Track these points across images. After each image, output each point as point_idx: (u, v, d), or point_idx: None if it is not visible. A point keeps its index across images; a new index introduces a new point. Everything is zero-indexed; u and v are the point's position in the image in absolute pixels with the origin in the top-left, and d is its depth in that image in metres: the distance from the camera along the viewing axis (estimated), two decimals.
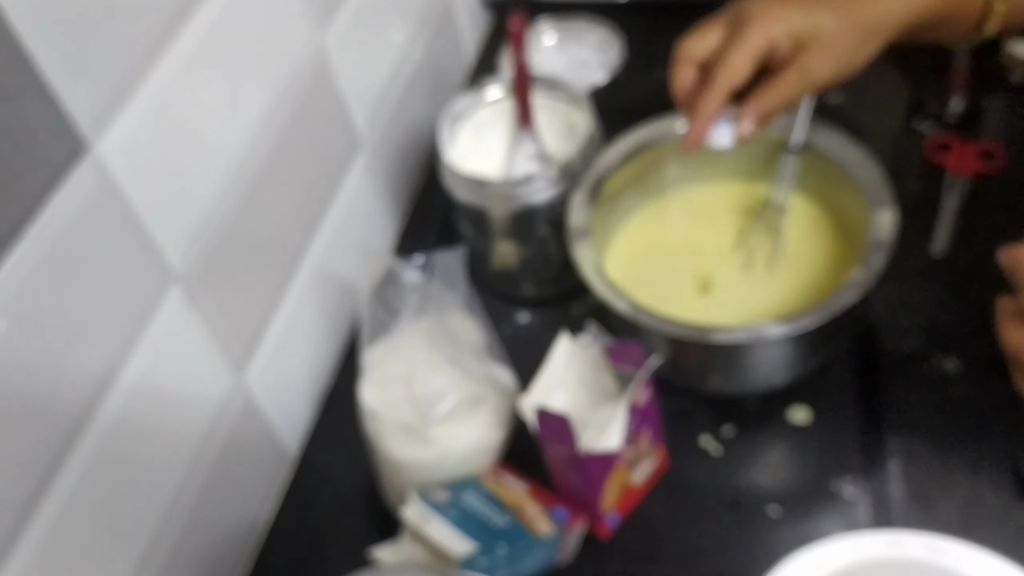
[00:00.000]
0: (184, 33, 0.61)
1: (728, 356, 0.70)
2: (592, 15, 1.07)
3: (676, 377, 0.74)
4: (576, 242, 0.74)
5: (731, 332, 0.68)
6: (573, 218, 0.76)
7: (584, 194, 0.77)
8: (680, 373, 0.74)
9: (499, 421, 0.71)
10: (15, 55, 0.48)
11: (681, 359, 0.72)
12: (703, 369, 0.74)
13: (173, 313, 0.62)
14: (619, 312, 0.70)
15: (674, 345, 0.70)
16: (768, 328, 0.67)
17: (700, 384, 0.75)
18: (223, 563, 0.71)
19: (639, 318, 0.69)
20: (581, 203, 0.77)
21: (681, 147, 0.74)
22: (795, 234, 0.79)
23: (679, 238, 0.82)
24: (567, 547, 0.68)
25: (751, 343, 0.68)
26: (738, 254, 0.79)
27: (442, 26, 1.02)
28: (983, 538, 0.52)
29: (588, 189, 0.78)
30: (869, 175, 0.74)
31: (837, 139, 0.76)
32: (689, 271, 0.79)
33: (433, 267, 0.69)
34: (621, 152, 0.80)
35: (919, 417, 0.72)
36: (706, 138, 0.72)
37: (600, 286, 0.71)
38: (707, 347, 0.69)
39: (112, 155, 0.55)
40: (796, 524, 0.68)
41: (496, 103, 0.86)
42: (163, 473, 0.63)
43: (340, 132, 0.83)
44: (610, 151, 0.80)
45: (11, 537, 0.51)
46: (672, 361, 0.71)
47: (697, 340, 0.68)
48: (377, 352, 0.71)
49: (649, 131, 0.81)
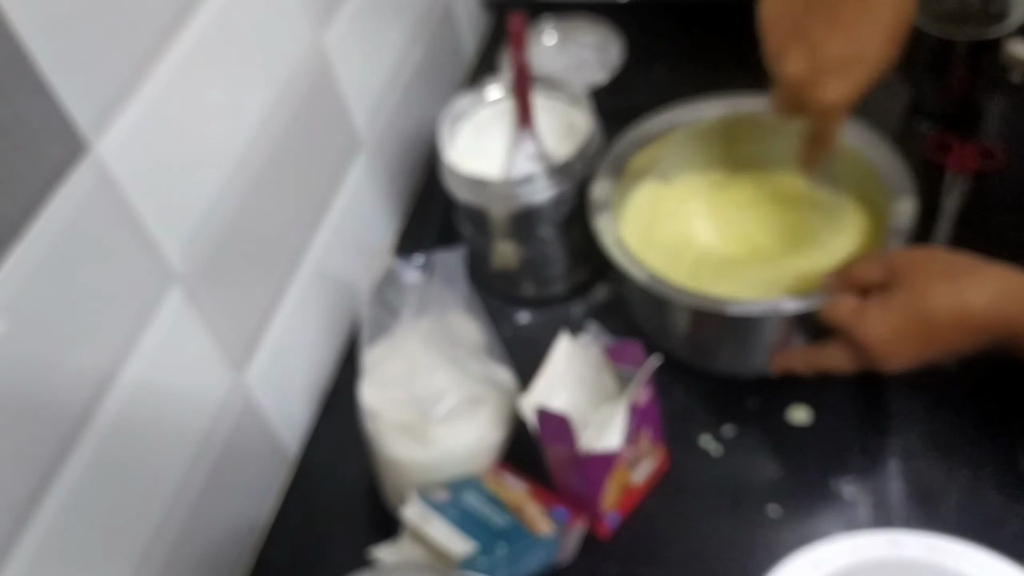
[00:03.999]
0: (184, 33, 0.61)
1: (743, 330, 0.71)
2: (592, 15, 1.07)
3: (692, 355, 0.75)
4: (596, 214, 0.76)
5: (747, 304, 0.69)
6: (595, 191, 0.78)
7: (608, 169, 0.79)
8: (695, 349, 0.75)
9: (499, 421, 0.71)
10: (15, 55, 0.48)
11: (696, 332, 0.73)
12: (716, 343, 0.75)
13: (173, 313, 0.62)
14: (637, 281, 0.71)
15: (690, 317, 0.71)
16: (784, 303, 0.68)
17: (713, 362, 0.76)
18: (223, 563, 0.71)
19: (657, 288, 0.70)
20: (604, 176, 0.78)
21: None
22: (815, 219, 0.79)
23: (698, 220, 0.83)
24: (567, 547, 0.68)
25: (766, 316, 0.69)
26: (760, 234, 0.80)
27: (442, 26, 1.02)
28: (983, 538, 0.52)
29: (611, 165, 0.79)
30: (892, 166, 0.75)
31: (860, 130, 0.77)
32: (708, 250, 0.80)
33: (433, 267, 0.69)
34: (646, 133, 0.81)
35: (919, 417, 0.72)
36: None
37: (619, 255, 0.73)
38: (722, 319, 0.69)
39: (112, 155, 0.55)
40: (796, 524, 0.68)
41: (496, 103, 0.86)
42: (163, 473, 0.63)
43: (340, 132, 0.83)
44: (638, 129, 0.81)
45: (11, 537, 0.51)
46: (686, 335, 0.72)
47: (713, 311, 0.69)
48: (377, 352, 0.71)
49: (675, 115, 0.82)
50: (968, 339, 0.62)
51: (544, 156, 0.84)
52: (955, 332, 0.62)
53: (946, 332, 0.62)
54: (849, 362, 0.66)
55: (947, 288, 0.62)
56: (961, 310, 0.62)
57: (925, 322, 0.62)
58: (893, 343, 0.63)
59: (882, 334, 0.63)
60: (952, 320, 0.62)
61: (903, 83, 0.94)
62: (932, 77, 0.91)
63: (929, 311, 0.62)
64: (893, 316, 0.63)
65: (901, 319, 0.63)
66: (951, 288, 0.62)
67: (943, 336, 0.63)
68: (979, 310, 0.61)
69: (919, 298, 0.63)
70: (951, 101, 0.91)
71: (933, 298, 0.62)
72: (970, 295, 0.62)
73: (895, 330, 0.63)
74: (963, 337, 0.62)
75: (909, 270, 0.64)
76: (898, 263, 0.65)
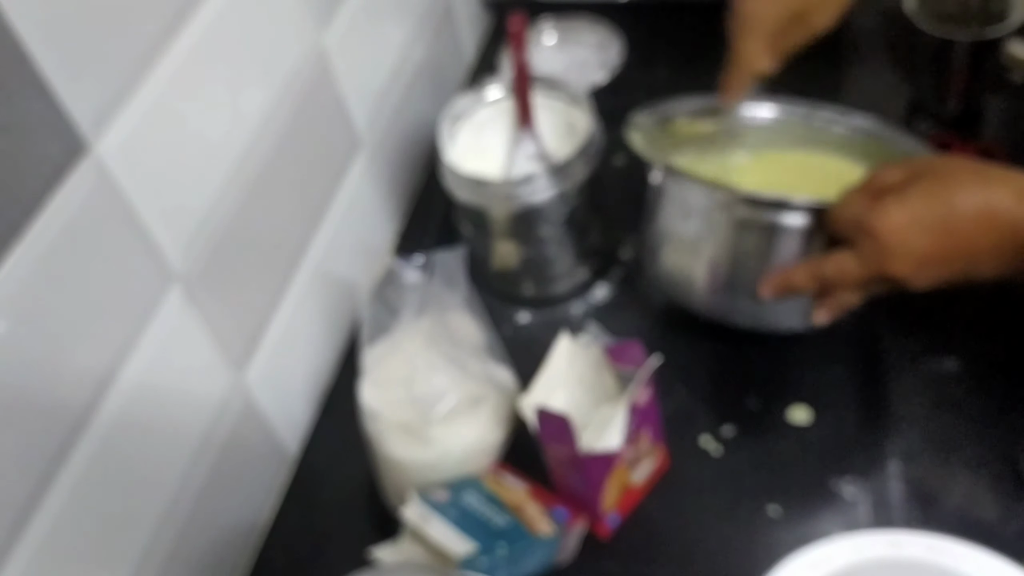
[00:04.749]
0: (184, 33, 0.61)
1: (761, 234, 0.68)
2: (592, 15, 1.07)
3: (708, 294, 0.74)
4: (633, 130, 0.76)
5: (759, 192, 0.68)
6: (636, 117, 0.77)
7: (648, 116, 0.79)
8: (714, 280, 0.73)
9: (499, 421, 0.71)
10: (15, 55, 0.48)
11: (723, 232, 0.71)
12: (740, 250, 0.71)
13: (173, 313, 0.62)
14: (663, 167, 0.72)
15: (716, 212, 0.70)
16: (797, 197, 0.66)
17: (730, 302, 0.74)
18: (223, 563, 0.71)
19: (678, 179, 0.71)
20: (643, 115, 0.79)
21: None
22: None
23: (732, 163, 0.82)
24: (567, 547, 0.68)
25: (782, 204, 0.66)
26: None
27: (442, 26, 1.02)
28: (983, 538, 0.52)
29: (655, 114, 0.79)
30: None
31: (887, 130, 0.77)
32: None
33: (433, 267, 0.69)
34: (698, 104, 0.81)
35: (919, 417, 0.72)
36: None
37: (653, 153, 0.73)
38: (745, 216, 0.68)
39: (112, 155, 0.55)
40: (796, 524, 0.68)
41: (496, 103, 0.86)
42: (163, 473, 0.63)
43: (340, 132, 0.83)
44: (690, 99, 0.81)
45: (11, 537, 0.51)
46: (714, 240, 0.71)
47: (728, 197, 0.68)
48: (377, 352, 0.71)
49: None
50: (993, 243, 0.56)
51: (544, 156, 0.84)
52: (979, 230, 0.56)
53: (969, 228, 0.56)
54: (858, 266, 0.60)
55: (974, 182, 0.57)
56: (987, 205, 0.56)
57: (947, 212, 0.57)
58: (909, 232, 0.57)
59: (898, 220, 0.57)
60: (977, 214, 0.56)
61: (903, 83, 0.94)
62: (932, 77, 0.91)
63: (952, 200, 0.57)
64: (913, 202, 0.57)
65: (921, 204, 0.57)
66: (978, 182, 0.57)
67: (966, 234, 0.56)
68: (1006, 208, 0.56)
69: (943, 186, 0.57)
70: (951, 101, 0.91)
71: (958, 188, 0.57)
72: (998, 192, 0.57)
73: (913, 217, 0.57)
74: (988, 238, 0.56)
75: (933, 167, 0.60)
76: (921, 164, 0.60)
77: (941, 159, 0.63)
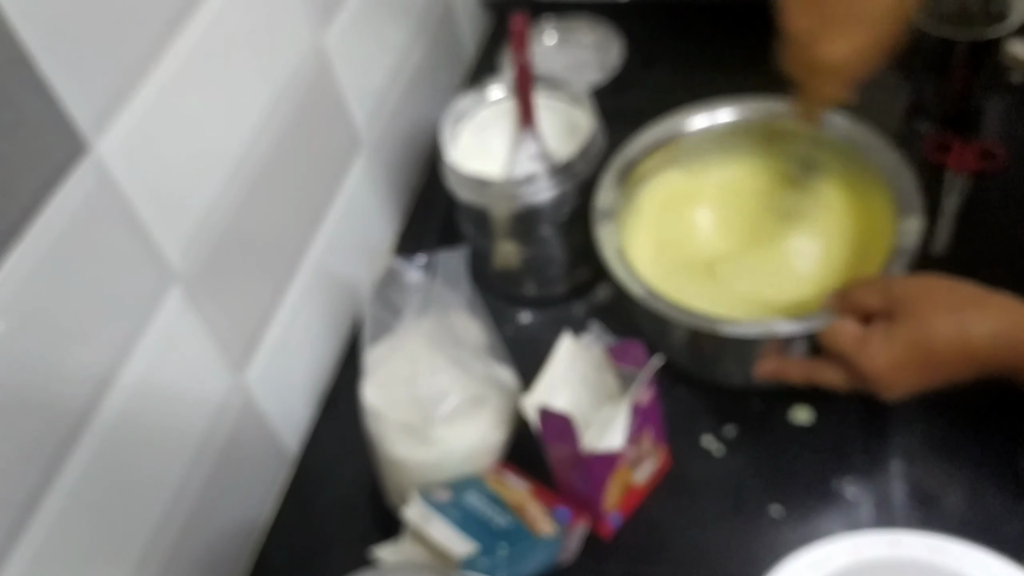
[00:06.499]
0: (184, 33, 0.61)
1: (739, 347, 0.71)
2: (592, 15, 1.07)
3: (691, 366, 0.75)
4: (600, 222, 0.76)
5: (743, 325, 0.69)
6: (600, 198, 0.77)
7: (613, 176, 0.79)
8: (693, 361, 0.75)
9: (501, 421, 0.71)
10: (15, 55, 0.48)
11: (693, 346, 0.74)
12: (714, 357, 0.75)
13: (173, 313, 0.62)
14: (635, 297, 0.72)
15: (688, 333, 0.72)
16: (780, 324, 0.68)
17: (711, 373, 0.76)
18: (223, 563, 0.71)
19: (654, 304, 0.71)
20: (609, 185, 0.78)
21: None
22: (815, 226, 0.80)
23: (702, 225, 0.83)
24: (569, 547, 0.68)
25: (760, 338, 0.69)
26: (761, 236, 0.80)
27: (442, 26, 1.02)
28: (984, 538, 0.52)
29: (617, 171, 0.79)
30: (903, 181, 0.74)
31: (875, 140, 0.77)
32: (707, 255, 0.80)
33: (435, 267, 0.69)
34: (652, 138, 0.81)
35: (920, 417, 0.72)
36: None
37: (619, 269, 0.73)
38: (718, 338, 0.70)
39: (112, 155, 0.55)
40: (798, 524, 0.68)
41: (498, 103, 0.86)
42: (163, 473, 0.63)
43: (340, 132, 0.83)
44: (642, 136, 0.81)
45: (11, 537, 0.51)
46: (685, 348, 0.73)
47: (708, 331, 0.69)
48: (379, 352, 0.71)
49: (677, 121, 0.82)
50: (970, 370, 0.63)
51: (546, 156, 0.84)
52: (957, 364, 0.62)
53: (948, 364, 0.63)
54: (846, 383, 0.67)
55: (950, 320, 0.62)
56: (964, 343, 0.62)
57: (927, 354, 0.63)
58: (894, 373, 0.64)
59: (883, 365, 0.63)
60: (954, 353, 0.62)
61: (903, 83, 0.94)
62: (932, 77, 0.90)
63: (932, 343, 0.62)
64: (896, 348, 0.63)
65: (903, 351, 0.63)
66: (954, 320, 0.62)
67: (945, 367, 0.63)
68: (982, 343, 0.61)
69: (922, 331, 0.63)
70: (951, 101, 0.91)
71: (936, 330, 0.62)
72: (973, 328, 0.62)
73: (897, 361, 0.63)
74: (965, 368, 0.63)
75: (912, 300, 0.64)
76: (900, 292, 0.65)
77: (918, 287, 0.65)
